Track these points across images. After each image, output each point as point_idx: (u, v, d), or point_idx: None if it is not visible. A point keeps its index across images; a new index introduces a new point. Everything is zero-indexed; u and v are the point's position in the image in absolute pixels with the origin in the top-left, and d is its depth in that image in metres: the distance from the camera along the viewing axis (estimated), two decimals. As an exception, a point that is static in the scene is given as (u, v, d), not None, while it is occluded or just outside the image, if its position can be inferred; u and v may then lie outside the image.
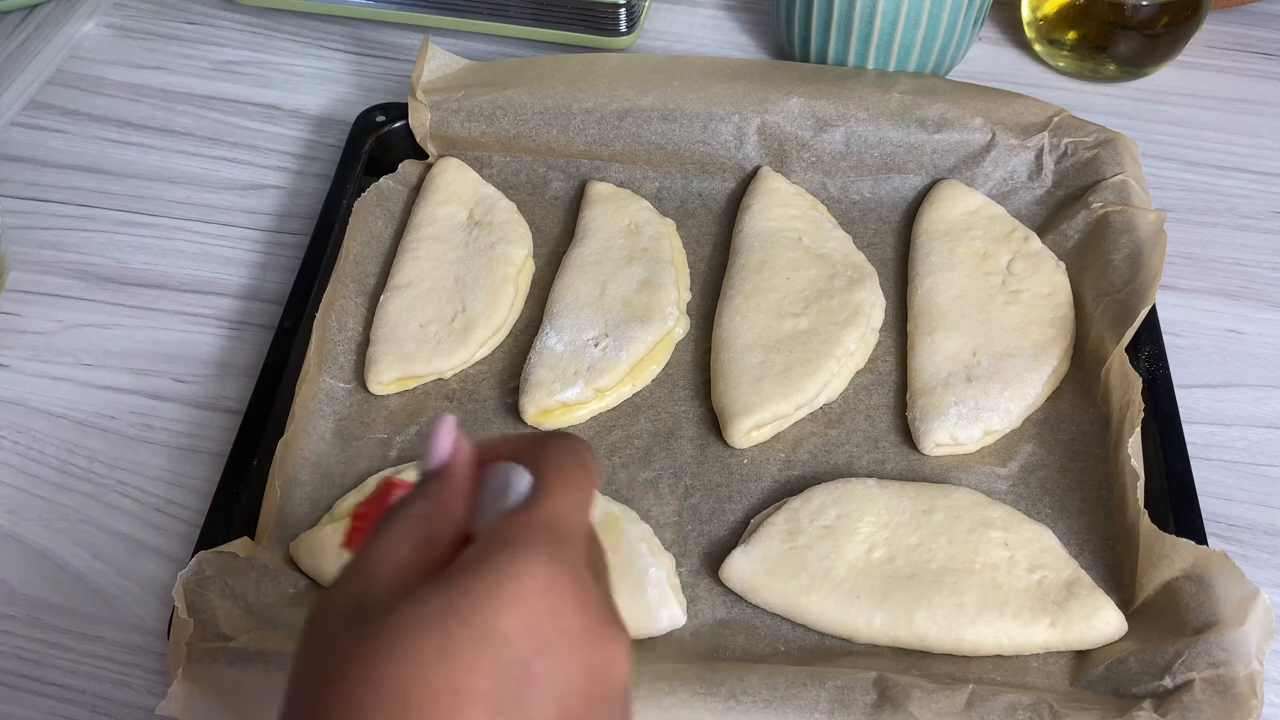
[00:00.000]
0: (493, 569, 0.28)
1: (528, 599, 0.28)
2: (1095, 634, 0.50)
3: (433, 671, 0.26)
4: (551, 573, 0.28)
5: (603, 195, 0.68)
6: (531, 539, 0.29)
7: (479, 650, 0.27)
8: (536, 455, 0.33)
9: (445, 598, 0.28)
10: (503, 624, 0.27)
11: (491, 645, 0.27)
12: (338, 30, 0.85)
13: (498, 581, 0.28)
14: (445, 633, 0.27)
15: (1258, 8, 0.85)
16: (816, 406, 0.60)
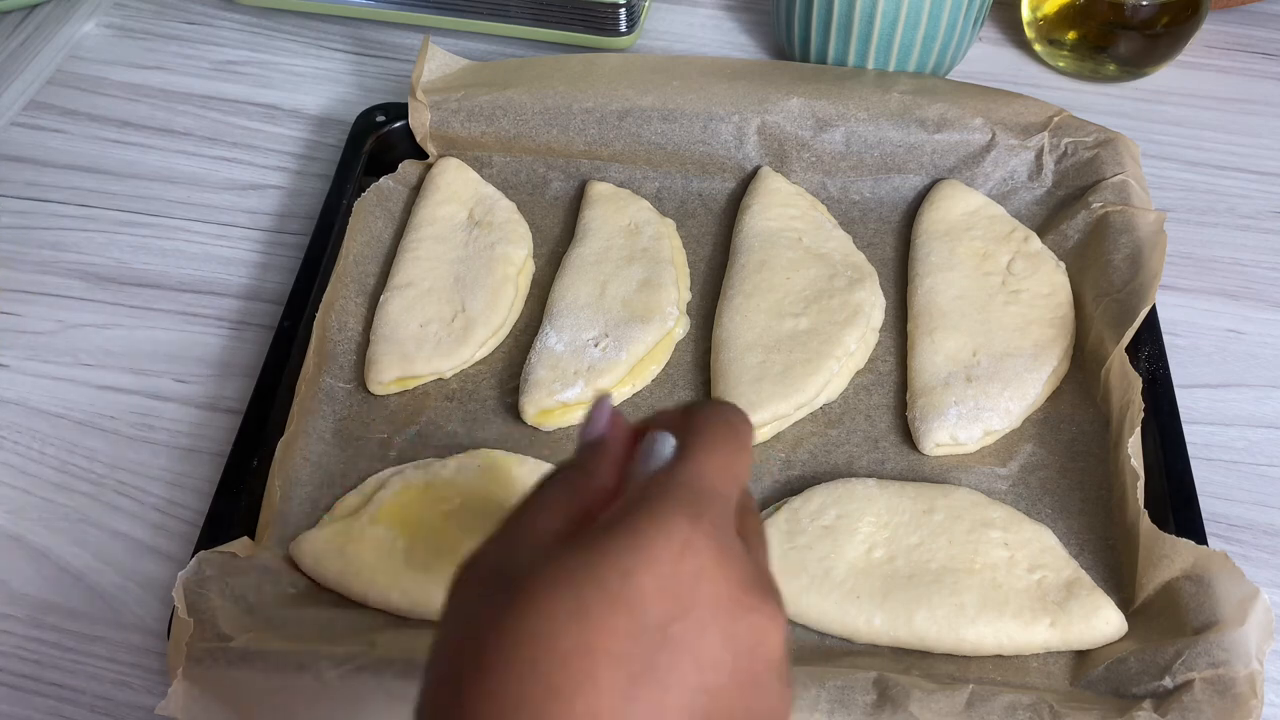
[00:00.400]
0: (627, 529, 0.27)
1: (665, 560, 0.27)
2: (1095, 634, 0.50)
3: (563, 632, 0.25)
4: (692, 534, 0.27)
5: (603, 195, 0.68)
6: (671, 499, 0.28)
7: (612, 611, 0.26)
8: (684, 420, 0.32)
9: (580, 557, 0.27)
10: (637, 584, 0.26)
11: (625, 606, 0.26)
12: (338, 30, 0.85)
13: (633, 541, 0.27)
14: (577, 592, 0.26)
15: (1258, 8, 0.85)
16: (816, 406, 0.60)
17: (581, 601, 0.26)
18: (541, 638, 0.25)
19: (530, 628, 0.26)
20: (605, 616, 0.26)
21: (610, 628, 0.25)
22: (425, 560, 0.52)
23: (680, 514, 0.27)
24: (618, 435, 0.33)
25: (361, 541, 0.53)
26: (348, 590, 0.52)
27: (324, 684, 0.46)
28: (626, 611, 0.26)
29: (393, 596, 0.52)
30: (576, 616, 0.25)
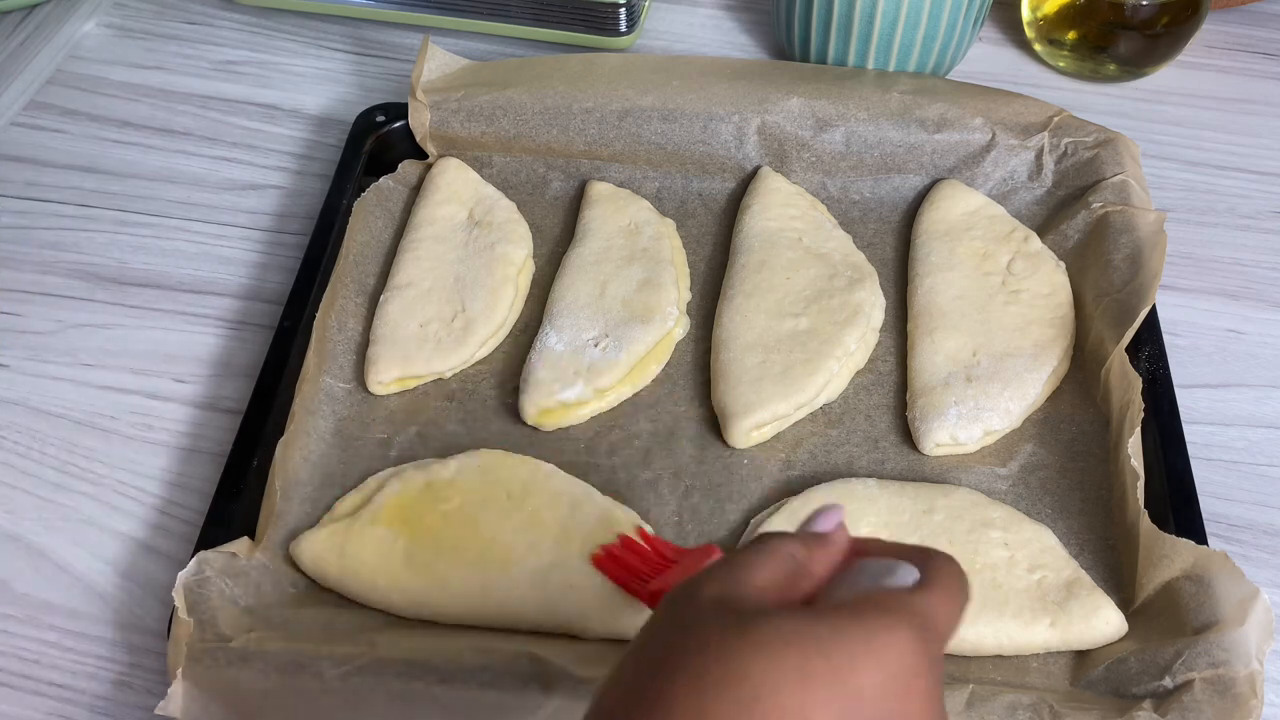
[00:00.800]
0: (864, 624, 0.29)
1: (888, 665, 0.29)
2: (1095, 634, 0.50)
3: (787, 689, 0.27)
4: (916, 652, 0.29)
5: (603, 195, 0.68)
6: (908, 617, 0.30)
7: (833, 690, 0.28)
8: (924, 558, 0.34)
9: (816, 626, 0.29)
10: (860, 677, 0.28)
11: (845, 691, 0.28)
12: (338, 30, 0.85)
13: (866, 637, 0.29)
14: (806, 658, 0.28)
15: (1258, 8, 0.85)
16: (816, 406, 0.60)
17: (810, 669, 0.28)
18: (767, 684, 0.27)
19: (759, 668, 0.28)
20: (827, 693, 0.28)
21: (827, 702, 0.27)
22: (425, 560, 0.52)
23: (912, 632, 0.29)
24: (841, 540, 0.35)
25: (361, 541, 0.53)
26: (347, 590, 0.52)
27: (324, 684, 0.46)
28: (845, 696, 0.28)
29: (393, 596, 0.52)
30: (801, 679, 0.27)
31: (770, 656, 0.28)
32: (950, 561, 0.34)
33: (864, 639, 0.29)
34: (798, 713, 0.27)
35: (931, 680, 0.30)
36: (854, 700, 0.28)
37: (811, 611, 0.30)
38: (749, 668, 0.28)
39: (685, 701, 0.28)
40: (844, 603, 0.31)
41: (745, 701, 0.27)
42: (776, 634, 0.28)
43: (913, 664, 0.29)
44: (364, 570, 0.52)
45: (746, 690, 0.27)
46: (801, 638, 0.28)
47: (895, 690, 0.28)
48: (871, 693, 0.28)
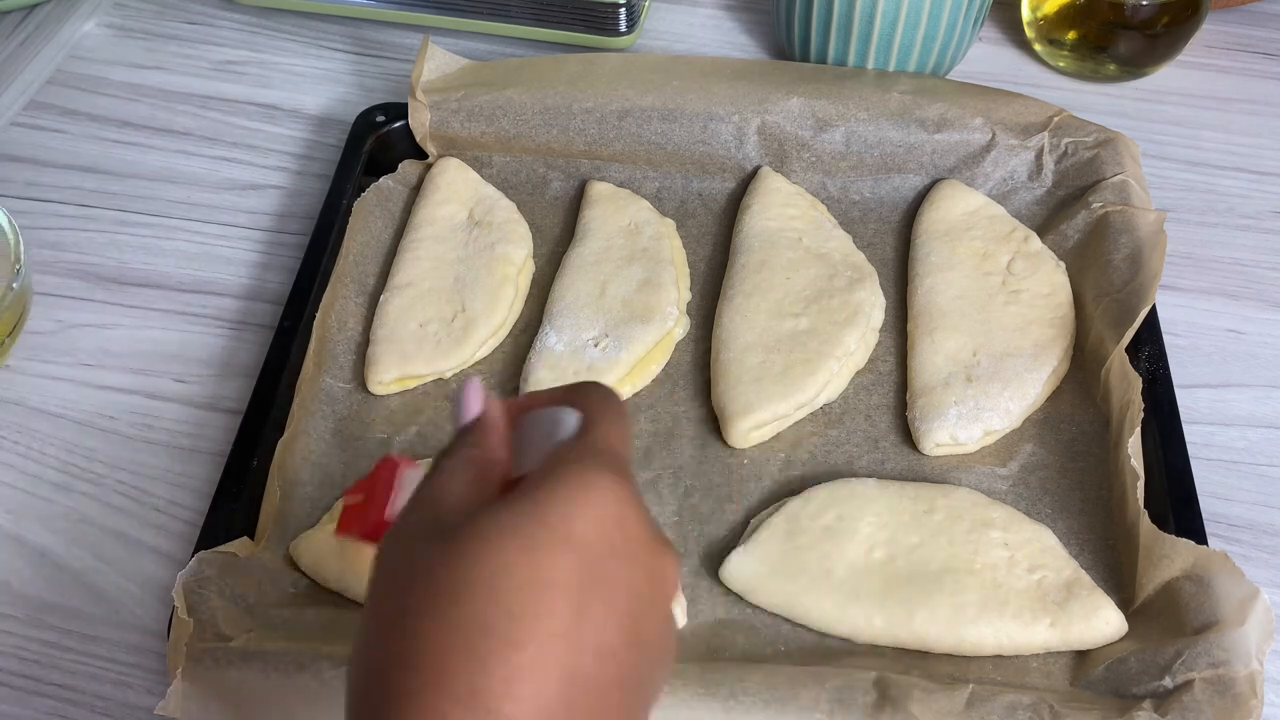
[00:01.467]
0: (564, 482, 0.31)
1: (599, 507, 0.31)
2: (1095, 634, 0.50)
3: (517, 565, 0.29)
4: (617, 487, 0.31)
5: (603, 195, 0.68)
6: (595, 459, 0.32)
7: (559, 549, 0.29)
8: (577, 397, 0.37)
9: (522, 506, 0.30)
10: (578, 528, 0.30)
11: (570, 545, 0.30)
12: (338, 30, 0.85)
13: (569, 493, 0.31)
14: (527, 534, 0.29)
15: (1258, 8, 0.85)
16: (816, 406, 0.60)
17: (532, 540, 0.29)
18: (499, 572, 0.29)
19: (487, 564, 0.29)
20: (554, 554, 0.29)
21: (558, 563, 0.29)
22: (425, 560, 0.52)
23: (605, 471, 0.32)
24: (496, 413, 0.36)
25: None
26: (348, 590, 0.52)
27: (324, 684, 0.46)
28: (571, 550, 0.30)
29: (393, 596, 0.52)
30: (528, 553, 0.29)
31: (489, 550, 0.29)
32: (598, 388, 0.37)
33: (567, 495, 0.31)
34: (534, 584, 0.29)
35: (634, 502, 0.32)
36: (580, 549, 0.30)
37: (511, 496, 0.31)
38: (474, 569, 0.29)
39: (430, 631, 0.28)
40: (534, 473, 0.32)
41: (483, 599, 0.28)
42: (488, 528, 0.30)
43: (615, 496, 0.31)
44: (364, 570, 0.52)
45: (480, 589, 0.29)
46: (512, 518, 0.30)
47: (612, 524, 0.31)
48: (592, 536, 0.30)
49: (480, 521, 0.30)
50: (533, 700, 0.28)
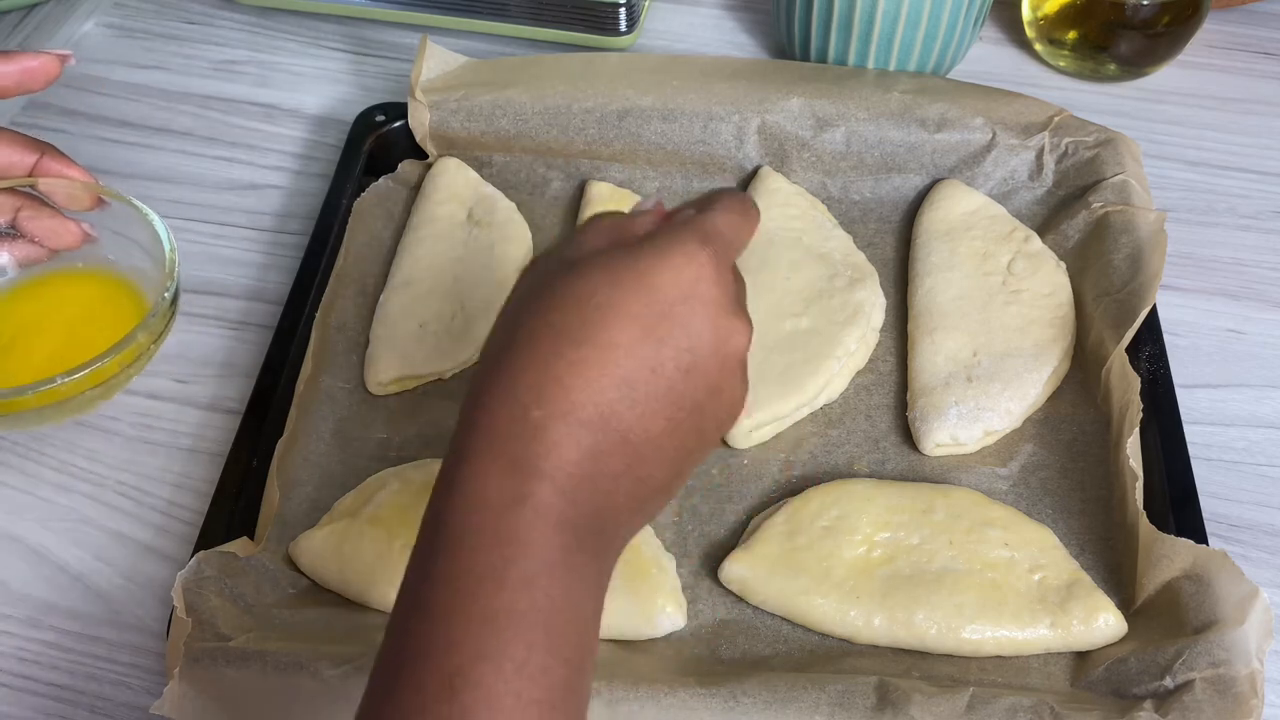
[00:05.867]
0: (656, 243, 0.38)
1: (677, 265, 0.37)
2: (1095, 635, 0.50)
3: (601, 291, 0.36)
4: (700, 254, 0.38)
5: (603, 195, 0.68)
6: (690, 229, 0.39)
7: (637, 286, 0.37)
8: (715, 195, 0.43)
9: (622, 255, 0.38)
10: (656, 277, 0.37)
11: (646, 286, 0.37)
12: (337, 30, 0.85)
13: (657, 249, 0.38)
14: (615, 272, 0.37)
15: (1258, 8, 0.85)
16: (817, 406, 0.60)
17: (616, 276, 0.37)
18: (586, 292, 0.36)
19: (581, 285, 0.37)
20: (630, 288, 0.36)
21: (633, 296, 0.36)
22: (425, 560, 0.52)
23: (694, 239, 0.38)
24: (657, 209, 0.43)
25: (361, 542, 0.53)
26: (347, 590, 0.52)
27: (324, 684, 0.46)
28: (645, 289, 0.37)
29: (392, 596, 0.51)
30: (610, 284, 0.37)
31: (587, 277, 0.37)
32: (733, 192, 0.43)
33: (654, 251, 0.37)
34: (609, 306, 0.36)
35: (719, 277, 0.38)
36: (651, 293, 0.37)
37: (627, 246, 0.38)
38: (573, 286, 0.37)
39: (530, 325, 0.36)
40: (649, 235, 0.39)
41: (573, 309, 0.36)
42: (594, 261, 0.37)
43: (698, 266, 0.37)
44: (363, 570, 0.52)
45: (571, 301, 0.36)
46: (611, 259, 0.37)
47: (687, 279, 0.37)
48: (665, 288, 0.37)
49: (591, 259, 0.38)
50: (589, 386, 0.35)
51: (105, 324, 0.56)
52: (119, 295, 0.59)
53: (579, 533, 0.35)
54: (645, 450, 0.36)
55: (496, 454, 0.35)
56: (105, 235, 0.58)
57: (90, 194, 0.57)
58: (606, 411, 0.35)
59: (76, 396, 0.52)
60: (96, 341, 0.52)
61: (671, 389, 0.37)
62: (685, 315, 0.37)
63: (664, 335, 0.36)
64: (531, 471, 0.34)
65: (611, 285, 0.37)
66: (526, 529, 0.34)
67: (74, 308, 0.59)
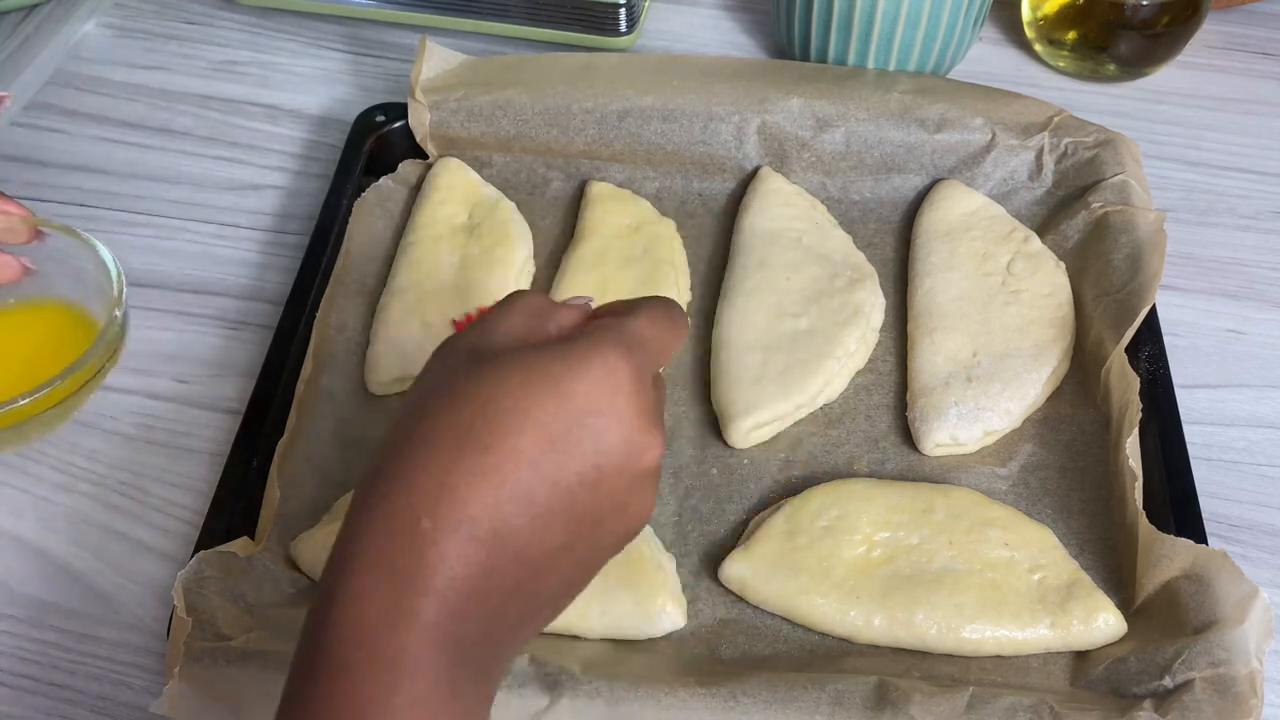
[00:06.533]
0: (576, 347, 0.36)
1: (595, 375, 0.36)
2: (1095, 635, 0.50)
3: (510, 394, 0.35)
4: (621, 365, 0.36)
5: (603, 195, 0.68)
6: (612, 336, 0.37)
7: (549, 393, 0.35)
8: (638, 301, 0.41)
9: (537, 356, 0.36)
10: (571, 384, 0.35)
11: (559, 394, 0.35)
12: (338, 30, 0.85)
13: (576, 354, 0.36)
14: (528, 374, 0.35)
15: (1258, 8, 0.85)
16: (816, 406, 0.60)
17: (529, 378, 0.35)
18: (495, 393, 0.35)
19: (491, 384, 0.35)
20: (541, 394, 0.35)
21: (543, 404, 0.35)
22: (425, 560, 0.52)
23: (615, 347, 0.36)
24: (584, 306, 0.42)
25: (361, 541, 0.52)
26: (347, 590, 0.52)
27: (323, 684, 0.46)
28: (557, 396, 0.35)
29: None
30: (522, 386, 0.35)
31: (498, 376, 0.35)
32: (661, 300, 0.41)
33: (572, 356, 0.36)
34: (520, 413, 0.34)
35: (637, 390, 0.36)
36: (563, 401, 0.35)
37: (544, 344, 0.37)
38: (482, 387, 0.35)
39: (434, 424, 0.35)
40: (566, 337, 0.38)
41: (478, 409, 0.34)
42: (506, 360, 0.36)
43: (617, 377, 0.36)
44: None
45: (477, 401, 0.35)
46: (525, 359, 0.36)
47: (602, 391, 0.35)
48: (579, 397, 0.35)
49: (503, 357, 0.36)
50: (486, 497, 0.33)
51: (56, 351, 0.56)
52: (68, 321, 0.60)
53: (464, 651, 0.33)
54: (539, 565, 0.35)
55: (381, 566, 0.33)
56: (49, 265, 0.59)
57: (28, 227, 0.59)
58: (502, 525, 0.33)
59: (37, 416, 0.54)
60: (50, 367, 0.54)
61: (573, 503, 0.35)
62: (597, 428, 0.35)
63: (571, 447, 0.35)
64: (417, 587, 0.32)
65: (523, 388, 0.35)
66: (412, 651, 0.32)
67: (23, 338, 0.60)
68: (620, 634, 0.51)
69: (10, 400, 0.52)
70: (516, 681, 0.46)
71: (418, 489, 0.33)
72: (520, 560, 0.34)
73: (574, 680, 0.46)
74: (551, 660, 0.47)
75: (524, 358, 0.36)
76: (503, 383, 0.35)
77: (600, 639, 0.51)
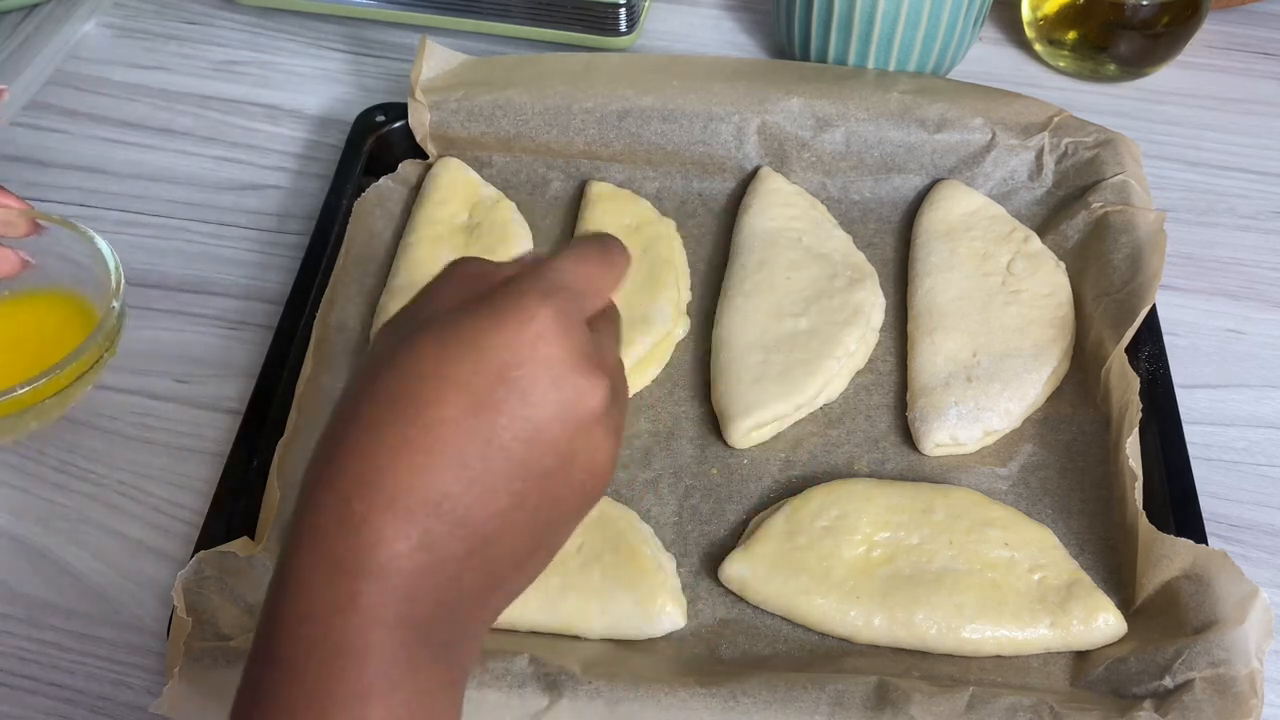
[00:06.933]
0: (492, 300, 0.35)
1: (513, 325, 0.34)
2: (1095, 635, 0.50)
3: (426, 360, 0.34)
4: (540, 310, 0.35)
5: (603, 195, 0.68)
6: (528, 283, 0.36)
7: (465, 353, 0.34)
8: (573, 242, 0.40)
9: (455, 316, 0.35)
10: (488, 338, 0.34)
11: (476, 351, 0.34)
12: (338, 30, 0.85)
13: (492, 309, 0.35)
14: (442, 339, 0.34)
15: (1258, 8, 0.85)
16: (816, 406, 0.60)
17: (444, 343, 0.34)
18: (412, 363, 0.34)
19: (408, 357, 0.34)
20: (457, 356, 0.34)
21: (459, 363, 0.34)
22: (425, 560, 0.52)
23: (533, 294, 0.35)
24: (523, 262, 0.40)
25: (361, 541, 0.52)
26: (347, 590, 0.52)
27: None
28: (474, 354, 0.34)
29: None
30: (437, 354, 0.34)
31: (417, 347, 0.34)
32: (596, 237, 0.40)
33: (489, 309, 0.35)
34: (436, 377, 0.33)
35: (563, 335, 0.35)
36: (480, 358, 0.34)
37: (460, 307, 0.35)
38: (402, 358, 0.34)
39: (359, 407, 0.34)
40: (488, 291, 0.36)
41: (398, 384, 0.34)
42: (428, 328, 0.35)
43: (538, 324, 0.34)
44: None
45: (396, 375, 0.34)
46: (444, 324, 0.35)
47: (525, 341, 0.34)
48: (498, 351, 0.34)
49: (429, 324, 0.35)
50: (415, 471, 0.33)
51: (55, 342, 0.57)
52: (67, 313, 0.60)
53: (422, 630, 0.32)
54: (490, 529, 0.34)
55: (319, 555, 0.32)
56: (49, 258, 0.60)
57: (26, 220, 0.59)
58: (437, 496, 0.33)
59: (35, 405, 0.54)
60: (48, 357, 0.54)
61: (510, 460, 0.34)
62: (523, 380, 0.34)
63: (498, 404, 0.33)
64: (357, 571, 0.32)
65: (437, 353, 0.34)
66: (357, 636, 0.31)
67: (22, 329, 0.60)
68: (620, 634, 0.51)
69: (9, 389, 0.52)
70: (516, 681, 0.46)
71: (346, 471, 0.33)
72: (465, 528, 0.33)
73: (574, 680, 0.46)
74: (551, 660, 0.47)
75: (442, 322, 0.35)
76: (418, 351, 0.34)
77: (600, 639, 0.51)
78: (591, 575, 0.51)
